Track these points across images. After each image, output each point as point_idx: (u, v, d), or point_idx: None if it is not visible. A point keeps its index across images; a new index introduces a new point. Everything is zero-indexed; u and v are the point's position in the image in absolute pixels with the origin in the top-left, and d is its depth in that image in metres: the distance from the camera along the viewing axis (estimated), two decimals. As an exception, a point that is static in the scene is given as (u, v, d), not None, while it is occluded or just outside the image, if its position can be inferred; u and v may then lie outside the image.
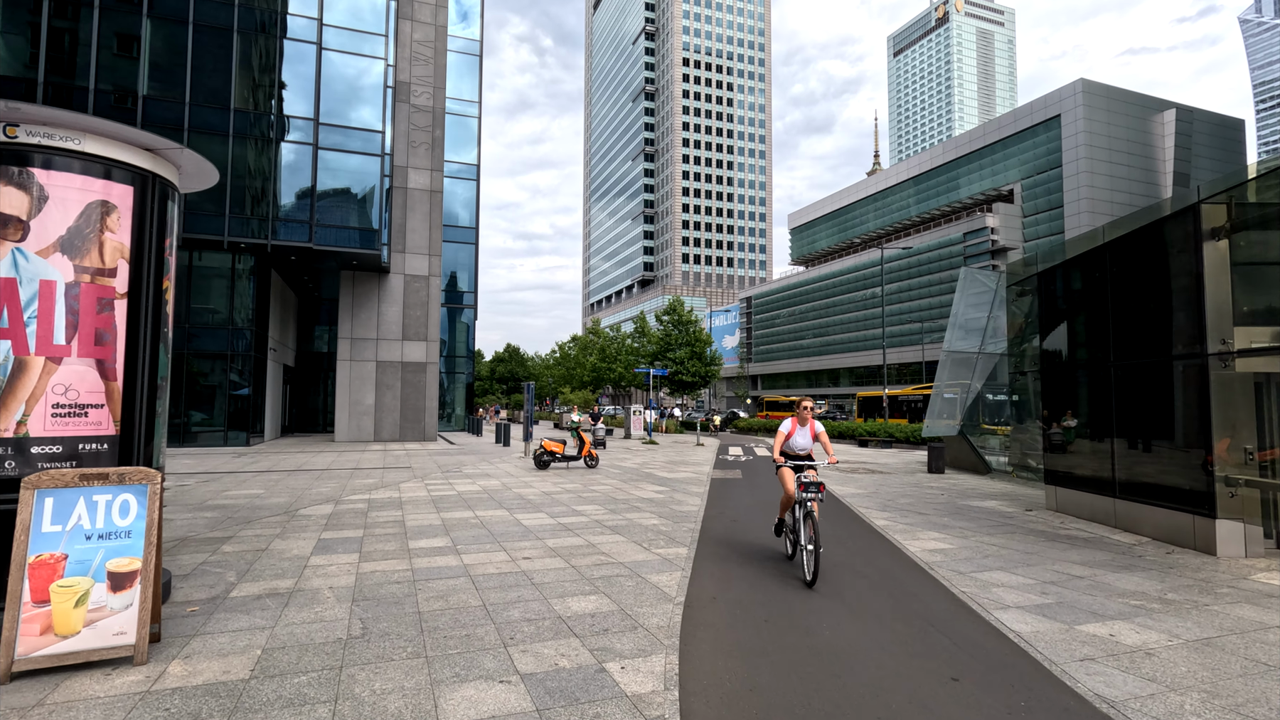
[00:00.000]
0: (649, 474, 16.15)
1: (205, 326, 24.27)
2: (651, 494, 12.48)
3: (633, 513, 10.27)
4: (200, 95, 23.40)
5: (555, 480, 14.58)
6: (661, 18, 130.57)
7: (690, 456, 21.97)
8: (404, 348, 29.17)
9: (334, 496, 11.68)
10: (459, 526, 8.96)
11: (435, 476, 14.97)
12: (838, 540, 8.50)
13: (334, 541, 7.91)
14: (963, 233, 70.34)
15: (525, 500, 11.44)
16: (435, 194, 30.16)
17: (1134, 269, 8.71)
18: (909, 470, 17.79)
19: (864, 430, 30.55)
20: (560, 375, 71.89)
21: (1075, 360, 9.99)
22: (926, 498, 12.52)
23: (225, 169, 23.39)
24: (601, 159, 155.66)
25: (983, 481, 15.38)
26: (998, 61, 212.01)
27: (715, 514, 10.43)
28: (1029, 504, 11.75)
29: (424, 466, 17.34)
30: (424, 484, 13.58)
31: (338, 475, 15.05)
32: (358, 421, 28.25)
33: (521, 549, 7.62)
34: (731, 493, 13.19)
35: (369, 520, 9.38)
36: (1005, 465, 17.01)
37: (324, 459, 19.32)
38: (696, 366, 48.14)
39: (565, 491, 12.68)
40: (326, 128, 25.21)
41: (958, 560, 7.35)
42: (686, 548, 7.76)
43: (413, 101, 30.08)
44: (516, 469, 16.99)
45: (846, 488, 13.95)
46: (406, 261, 29.43)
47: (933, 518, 10.20)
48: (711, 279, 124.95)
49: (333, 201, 25.41)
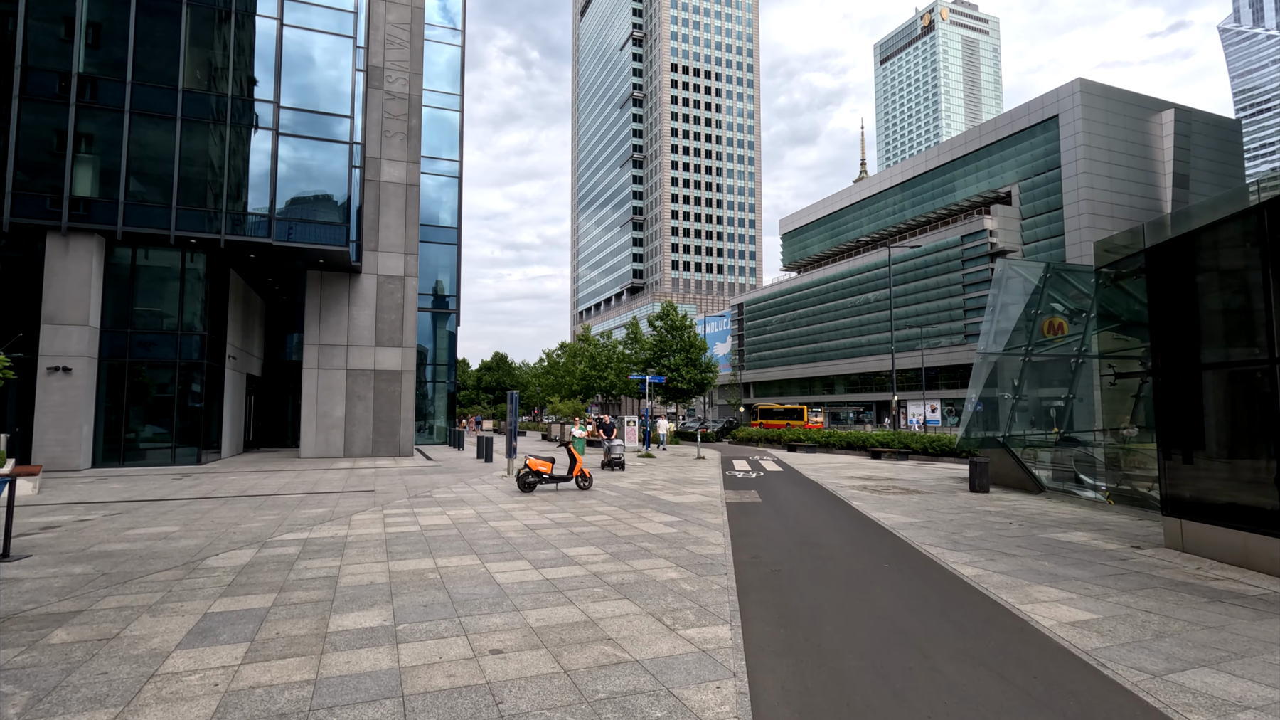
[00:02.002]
0: (651, 497, 13.84)
1: (152, 332, 21.74)
2: (660, 527, 10.16)
3: (641, 559, 7.96)
4: (145, 74, 20.98)
5: (542, 508, 12.24)
6: (649, 24, 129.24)
7: (694, 473, 19.68)
8: (377, 354, 26.73)
9: (263, 536, 9.27)
10: (410, 588, 6.61)
11: (399, 504, 12.57)
12: (925, 601, 6.26)
13: (224, 619, 5.54)
14: (960, 235, 68.79)
15: (503, 541, 9.09)
16: (411, 188, 27.82)
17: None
18: (947, 489, 15.60)
19: (877, 440, 28.40)
20: (549, 384, 69.39)
21: (1217, 355, 7.78)
22: (993, 528, 10.30)
23: (172, 156, 20.98)
24: (589, 169, 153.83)
25: (1044, 504, 13.19)
26: (983, 70, 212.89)
27: (748, 559, 8.14)
28: (1130, 537, 9.56)
29: (390, 489, 14.92)
30: (382, 516, 11.19)
31: (283, 504, 12.61)
32: (326, 436, 25.73)
33: (491, 633, 5.29)
34: (756, 523, 10.91)
35: (291, 577, 7.00)
36: (1052, 481, 14.87)
37: (278, 480, 16.84)
38: (691, 373, 45.91)
39: (554, 525, 10.33)
40: (289, 112, 22.84)
41: (1122, 645, 5.11)
42: (727, 624, 5.47)
43: (387, 88, 27.79)
44: (497, 492, 14.61)
45: (890, 514, 11.71)
46: (380, 261, 27.03)
47: (1026, 561, 7.97)
48: (701, 286, 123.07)
49: (296, 194, 23.01)
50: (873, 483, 16.90)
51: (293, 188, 22.96)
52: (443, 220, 37.75)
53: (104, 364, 20.85)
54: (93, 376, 20.39)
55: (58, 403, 19.59)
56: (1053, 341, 15.72)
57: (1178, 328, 8.27)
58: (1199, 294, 8.01)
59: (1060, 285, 15.25)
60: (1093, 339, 13.66)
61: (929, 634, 5.35)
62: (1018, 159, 67.91)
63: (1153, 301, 8.40)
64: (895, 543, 9.13)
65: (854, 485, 16.33)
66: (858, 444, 29.77)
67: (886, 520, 11.00)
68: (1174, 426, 8.27)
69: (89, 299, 20.19)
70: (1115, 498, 13.17)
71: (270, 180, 22.03)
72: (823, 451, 30.64)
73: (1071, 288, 15.57)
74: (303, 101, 23.26)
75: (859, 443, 29.75)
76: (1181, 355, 8.22)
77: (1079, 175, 61.25)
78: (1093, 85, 62.10)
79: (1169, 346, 8.36)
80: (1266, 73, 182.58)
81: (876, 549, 8.72)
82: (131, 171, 20.71)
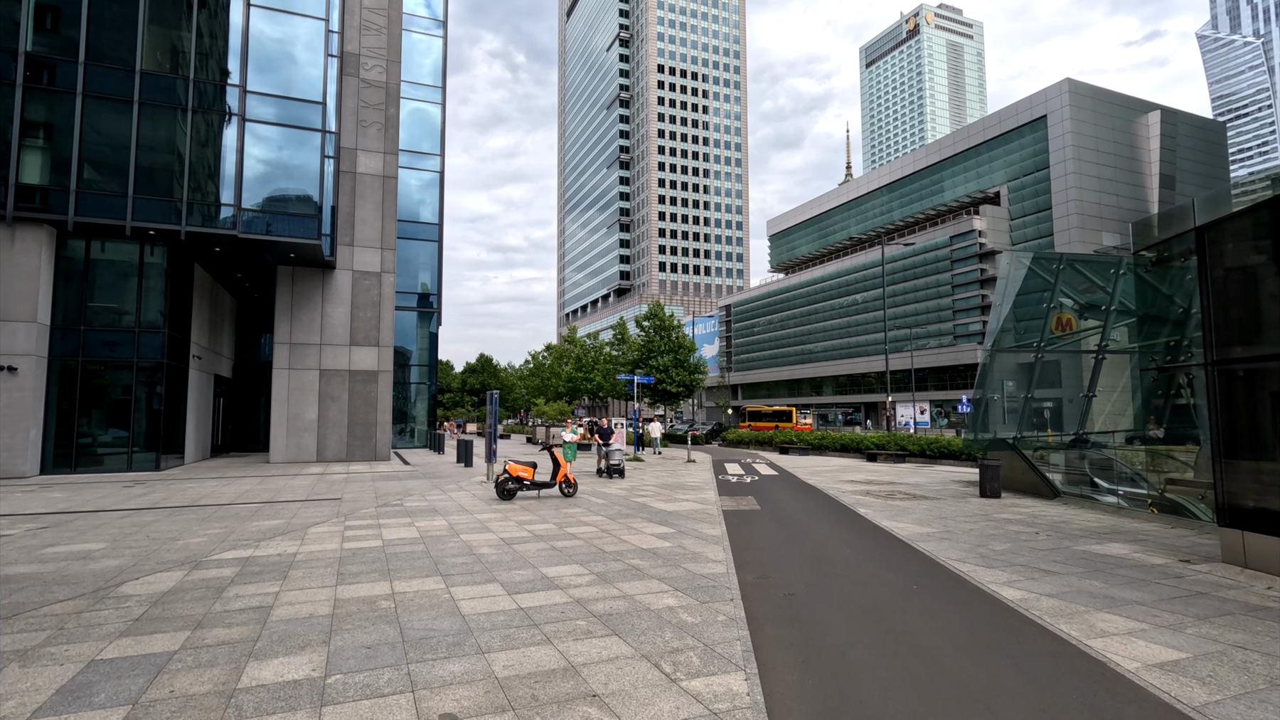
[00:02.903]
0: (641, 505, 12.78)
1: (108, 329, 20.38)
2: (652, 541, 9.11)
3: (632, 580, 6.90)
4: (100, 54, 19.65)
5: (522, 518, 11.14)
6: (636, 25, 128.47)
7: (685, 477, 18.64)
8: (352, 354, 25.46)
9: (199, 555, 8.11)
10: (354, 623, 5.50)
11: (364, 515, 11.41)
12: (974, 635, 5.26)
13: (110, 670, 4.41)
14: (949, 236, 68.43)
15: (474, 558, 7.99)
16: (389, 180, 26.61)
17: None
18: (955, 494, 14.67)
19: (872, 442, 27.52)
20: (534, 387, 68.11)
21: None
22: (1020, 540, 9.35)
23: (129, 142, 19.66)
24: (576, 171, 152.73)
25: (1064, 510, 12.28)
26: (967, 74, 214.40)
27: (755, 580, 7.10)
28: (1172, 549, 8.64)
29: (358, 497, 13.75)
30: (343, 528, 10.04)
31: (235, 514, 11.41)
32: (297, 440, 24.41)
33: (445, 687, 4.20)
34: (758, 534, 9.89)
35: (215, 609, 5.87)
36: (1066, 485, 13.99)
37: (238, 488, 15.58)
38: (680, 375, 44.92)
39: (533, 539, 9.25)
40: (256, 97, 21.57)
41: (1236, 699, 4.13)
42: (740, 671, 4.42)
43: (363, 76, 26.57)
44: (474, 500, 13.49)
45: (903, 523, 10.73)
46: (355, 256, 25.79)
47: (1071, 580, 7.00)
48: (689, 288, 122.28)
49: (264, 184, 21.73)
50: (875, 487, 15.95)
51: (261, 178, 21.69)
52: (424, 217, 36.55)
53: (55, 363, 19.46)
54: (42, 377, 19.01)
55: (2, 405, 18.20)
56: (1062, 338, 14.88)
57: (1237, 314, 7.36)
58: (1260, 277, 7.10)
59: (1072, 278, 14.41)
60: (1113, 333, 12.82)
61: (992, 685, 4.34)
62: (1006, 159, 67.70)
63: (1206, 286, 7.46)
64: (917, 558, 8.14)
65: (856, 490, 15.37)
66: (852, 446, 28.89)
67: (901, 530, 10.02)
68: (1233, 426, 7.35)
69: (37, 293, 18.82)
70: (1136, 504, 12.30)
71: (236, 169, 20.75)
72: (816, 454, 29.74)
73: (1083, 280, 14.75)
74: (272, 87, 22.00)
75: (853, 445, 28.88)
76: (1241, 345, 7.30)
77: (1068, 176, 61.06)
78: (1081, 86, 62.00)
79: (1226, 336, 7.44)
80: (1243, 79, 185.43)
81: (898, 566, 7.73)
82: (85, 158, 19.37)
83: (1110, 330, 12.68)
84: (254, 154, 21.47)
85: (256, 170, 21.53)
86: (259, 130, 21.61)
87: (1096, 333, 14.37)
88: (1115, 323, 13.07)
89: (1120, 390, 15.07)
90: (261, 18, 21.86)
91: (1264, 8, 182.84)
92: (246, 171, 21.12)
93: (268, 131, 21.82)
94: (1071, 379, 15.43)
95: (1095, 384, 13.02)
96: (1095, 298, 14.85)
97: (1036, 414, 16.37)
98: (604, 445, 18.59)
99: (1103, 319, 13.77)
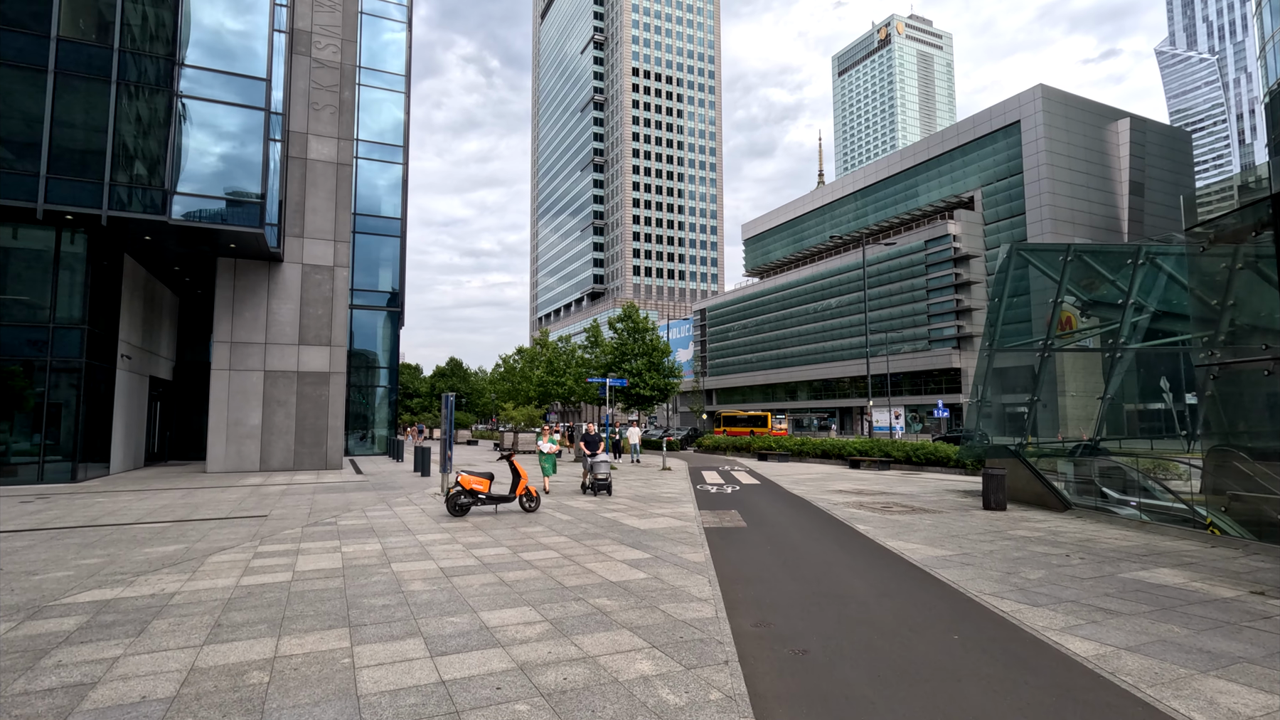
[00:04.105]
0: (612, 521, 11.25)
1: (16, 325, 18.23)
2: (623, 570, 7.59)
3: (595, 632, 5.38)
4: (6, 17, 17.59)
5: (471, 539, 9.54)
6: (611, 27, 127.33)
7: (661, 487, 17.16)
8: (301, 354, 23.51)
9: (47, 597, 6.37)
10: (195, 716, 3.89)
11: (285, 537, 9.70)
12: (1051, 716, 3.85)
13: None
14: (924, 240, 68.23)
15: (401, 597, 6.39)
16: (343, 167, 24.74)
17: None
18: (955, 506, 13.42)
19: (854, 449, 26.33)
20: (505, 391, 66.07)
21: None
22: (1052, 565, 8.04)
23: (42, 116, 17.60)
24: (550, 175, 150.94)
25: (1083, 526, 11.06)
26: (937, 84, 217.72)
27: (753, 627, 5.63)
28: (1231, 576, 7.40)
29: (289, 514, 11.99)
30: (251, 555, 8.34)
31: (130, 538, 9.61)
32: (238, 447, 22.38)
33: None
34: (748, 560, 8.43)
35: (12, 688, 4.20)
36: (1074, 495, 12.83)
37: (153, 503, 13.68)
38: (655, 378, 43.51)
39: (480, 568, 7.67)
40: (192, 71, 19.63)
41: None
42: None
43: (315, 55, 24.70)
44: (422, 516, 11.82)
45: (911, 543, 9.36)
46: (305, 248, 23.86)
47: (1143, 623, 5.67)
48: (664, 292, 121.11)
49: (200, 166, 19.78)
50: (867, 498, 14.64)
51: (197, 161, 19.74)
52: (386, 211, 34.67)
53: (-47, 363, 17.29)
54: (-65, 377, 16.81)
55: (-115, 409, 16.00)
56: (1072, 335, 13.77)
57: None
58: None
59: (1080, 271, 13.31)
60: (1131, 328, 11.71)
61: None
62: (980, 164, 67.80)
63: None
64: (943, 592, 6.75)
65: (847, 502, 14.03)
66: (833, 452, 27.69)
67: (911, 553, 8.65)
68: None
69: (-72, 283, 16.65)
70: (1156, 517, 11.14)
71: (166, 150, 18.77)
72: (796, 460, 28.50)
73: (1088, 274, 13.66)
74: (210, 60, 20.10)
75: (835, 451, 27.68)
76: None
77: (1041, 180, 61.22)
78: (1053, 92, 62.31)
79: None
80: (1200, 94, 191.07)
81: (925, 604, 6.33)
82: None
83: (1128, 324, 11.57)
84: (189, 134, 19.52)
85: (192, 152, 19.58)
86: (195, 108, 19.67)
87: (1105, 330, 13.28)
88: (1132, 318, 11.96)
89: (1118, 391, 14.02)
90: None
91: (1218, 25, 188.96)
92: (181, 153, 19.17)
93: (205, 109, 19.89)
94: (1074, 380, 14.33)
95: (1110, 385, 11.90)
96: (1101, 293, 13.77)
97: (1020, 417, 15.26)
98: (590, 456, 15.60)
99: (1117, 315, 12.66)
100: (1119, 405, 12.43)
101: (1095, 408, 12.61)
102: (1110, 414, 12.61)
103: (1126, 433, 13.23)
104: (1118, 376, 11.88)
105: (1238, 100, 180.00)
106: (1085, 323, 15.24)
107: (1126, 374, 13.15)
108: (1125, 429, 13.26)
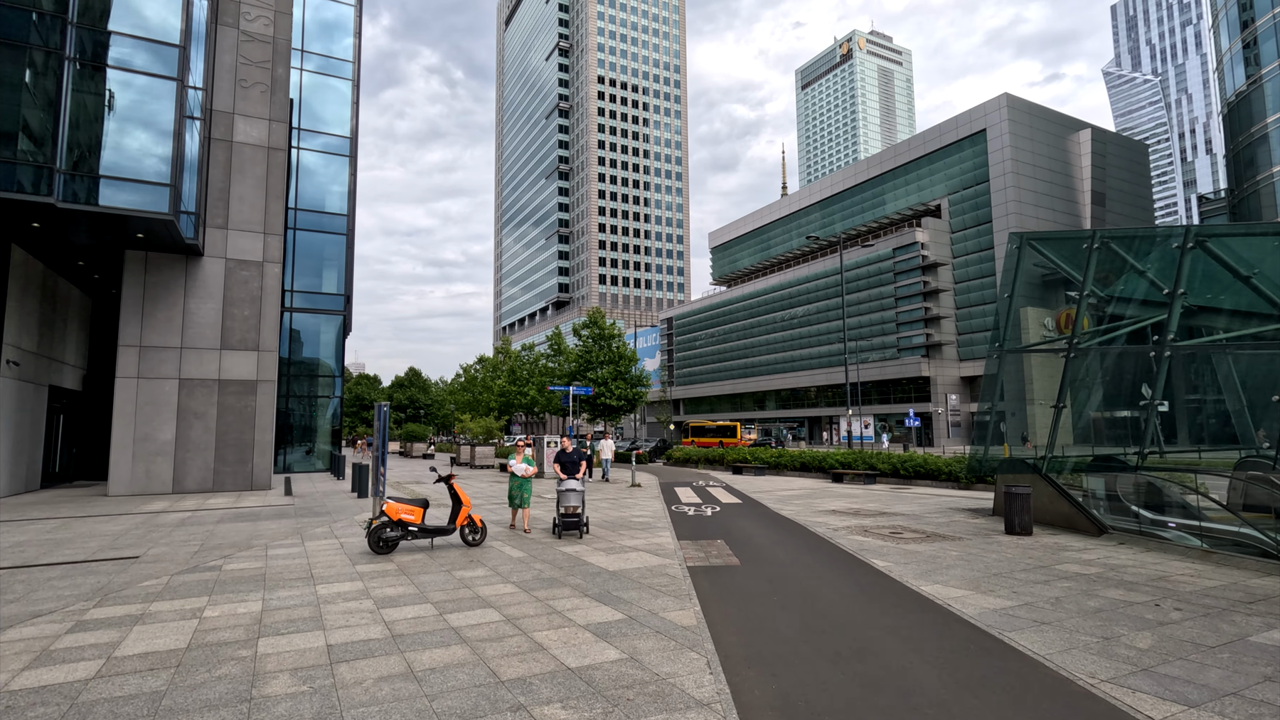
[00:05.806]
0: (574, 559, 9.11)
1: None
2: (588, 645, 5.49)
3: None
4: None
5: (390, 589, 7.31)
6: (576, 35, 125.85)
7: (631, 509, 15.06)
8: (224, 360, 20.82)
9: None
10: None
11: (136, 593, 7.32)
12: None
13: None
14: (892, 248, 67.82)
15: (242, 712, 4.18)
16: (275, 152, 22.21)
17: None
18: (970, 529, 11.64)
19: (837, 461, 24.64)
20: (465, 402, 63.11)
21: None
22: (1144, 620, 6.22)
23: (-103, 74, 14.83)
24: (514, 185, 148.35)
25: (1136, 555, 9.33)
26: (898, 98, 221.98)
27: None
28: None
29: (166, 555, 9.54)
30: (65, 629, 5.98)
31: (-83, 598, 7.11)
32: (146, 466, 19.57)
33: None
34: (752, 619, 6.40)
35: None
36: (1109, 516, 11.18)
37: (6, 540, 11.01)
38: (621, 388, 41.47)
39: (383, 647, 5.47)
40: (88, 33, 17.02)
41: None
42: None
43: (244, 27, 22.18)
44: (336, 555, 9.50)
45: (948, 586, 7.46)
46: (230, 241, 21.23)
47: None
48: (630, 301, 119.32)
49: (98, 143, 17.11)
50: (867, 520, 12.79)
51: (94, 135, 17.08)
52: (330, 206, 32.03)
53: None
54: None
55: None
56: (1102, 332, 12.18)
57: None
58: None
59: (1107, 262, 11.75)
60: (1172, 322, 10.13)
61: None
62: (947, 173, 67.81)
63: None
64: (1041, 677, 4.82)
65: (847, 526, 12.15)
66: (813, 465, 25.95)
67: (959, 604, 6.73)
68: None
69: None
70: (1212, 542, 9.51)
71: (55, 121, 16.10)
72: (773, 474, 26.69)
73: (1114, 264, 12.13)
74: (112, 23, 17.49)
75: (814, 464, 25.94)
76: None
77: (1007, 189, 61.32)
78: (1018, 101, 62.63)
79: None
80: (1144, 113, 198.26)
81: (1032, 707, 4.38)
82: None
83: (1175, 319, 10.03)
84: (84, 105, 16.87)
85: (88, 125, 16.93)
86: (92, 75, 17.04)
87: (1133, 328, 11.72)
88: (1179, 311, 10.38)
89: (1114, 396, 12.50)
90: (97, -67, 17.36)
91: (1160, 49, 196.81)
92: (76, 128, 16.52)
93: (104, 77, 17.25)
94: (1103, 384, 12.76)
95: (1160, 390, 10.29)
96: (1126, 289, 12.24)
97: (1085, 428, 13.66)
98: (562, 480, 11.46)
99: (1149, 312, 11.11)
100: (1169, 413, 10.88)
101: (1152, 415, 10.92)
102: (1164, 422, 11.04)
103: (1163, 443, 11.68)
104: (1161, 379, 10.29)
105: (1179, 120, 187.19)
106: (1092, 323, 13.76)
107: (1162, 377, 11.65)
108: (1161, 439, 11.70)
